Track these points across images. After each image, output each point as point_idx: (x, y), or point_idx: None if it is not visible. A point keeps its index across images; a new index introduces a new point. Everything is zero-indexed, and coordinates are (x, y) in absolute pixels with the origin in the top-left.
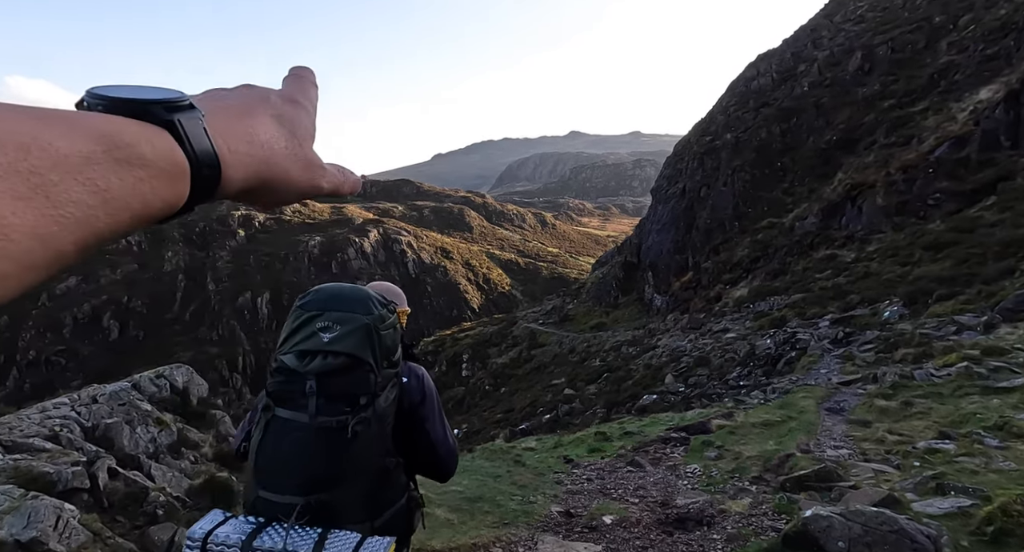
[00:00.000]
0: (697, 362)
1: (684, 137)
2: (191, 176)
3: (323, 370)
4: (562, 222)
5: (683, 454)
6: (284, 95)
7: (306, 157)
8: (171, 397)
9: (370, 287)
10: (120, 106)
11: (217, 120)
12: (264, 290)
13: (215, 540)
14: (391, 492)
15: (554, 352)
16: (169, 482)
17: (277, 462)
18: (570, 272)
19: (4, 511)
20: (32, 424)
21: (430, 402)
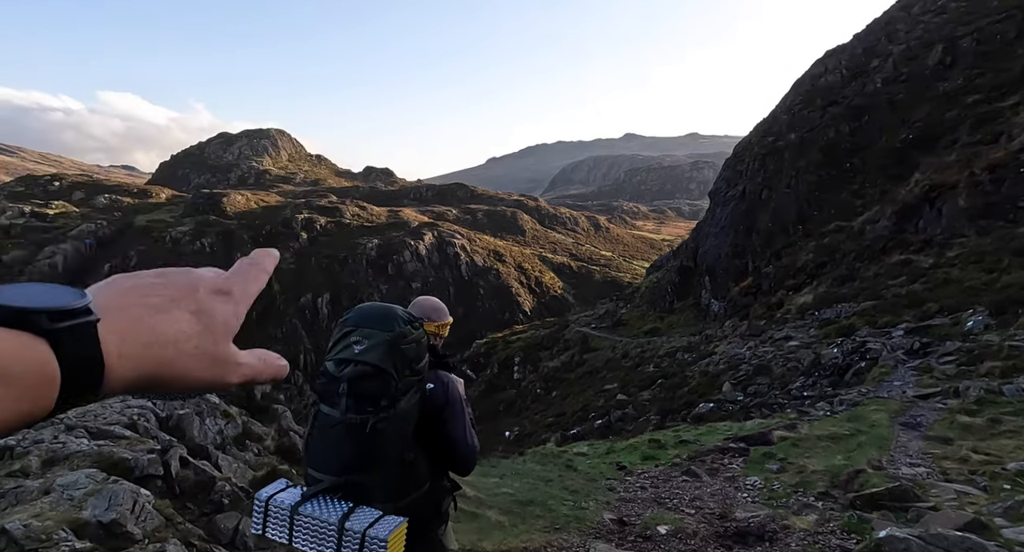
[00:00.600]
0: (757, 370)
1: (744, 138)
2: (63, 384)
3: (353, 376)
4: (616, 225)
5: (742, 465)
6: (215, 286)
7: (215, 354)
8: (237, 391)
9: (413, 304)
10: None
11: (120, 319)
12: (324, 291)
13: (274, 502)
14: (412, 480)
15: (606, 357)
16: (235, 472)
17: (319, 447)
18: (623, 276)
19: (88, 493)
20: (114, 412)
21: (452, 406)
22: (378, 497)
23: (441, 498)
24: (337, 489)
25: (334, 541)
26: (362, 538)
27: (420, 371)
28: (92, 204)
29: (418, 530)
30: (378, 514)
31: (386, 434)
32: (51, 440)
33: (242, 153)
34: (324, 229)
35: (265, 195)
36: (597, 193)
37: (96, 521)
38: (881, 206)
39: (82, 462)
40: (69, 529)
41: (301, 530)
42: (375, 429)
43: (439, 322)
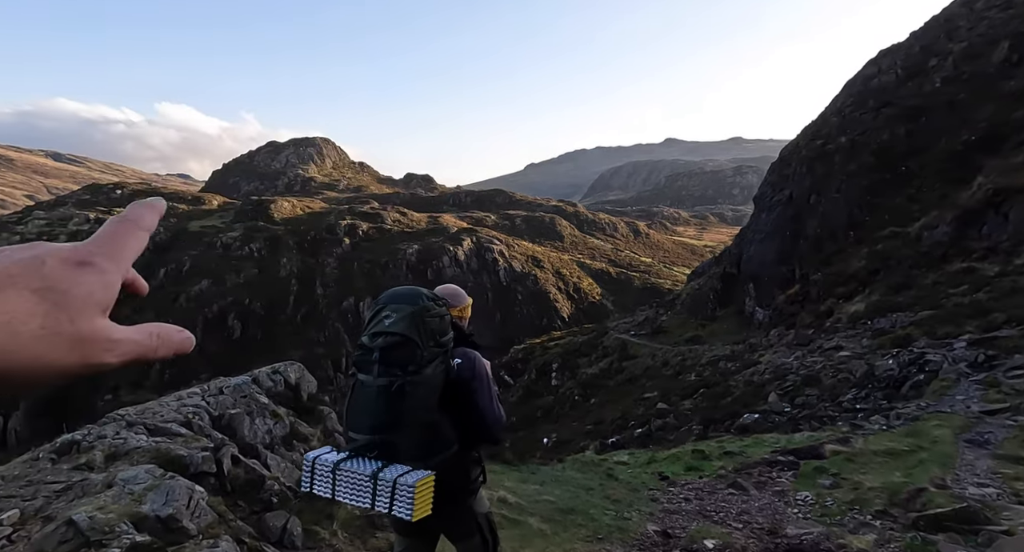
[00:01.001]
0: (805, 381)
1: (791, 141)
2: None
3: (384, 345)
4: (656, 231)
5: (792, 480)
6: (73, 256)
7: (76, 333)
8: (285, 392)
9: (436, 289)
10: None
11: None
12: (366, 295)
13: (319, 461)
14: (438, 442)
15: (646, 364)
16: (283, 472)
17: (356, 411)
18: (663, 283)
19: (147, 488)
20: (170, 410)
21: (479, 379)
22: (406, 455)
23: (470, 467)
24: (372, 447)
25: (370, 490)
26: (393, 485)
27: (444, 344)
28: None
29: (449, 496)
30: (406, 468)
31: (412, 397)
32: (113, 436)
33: (289, 161)
34: (366, 235)
35: (310, 202)
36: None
37: (155, 515)
38: (940, 211)
39: (141, 458)
40: (130, 522)
41: (342, 484)
42: (401, 390)
43: (460, 306)
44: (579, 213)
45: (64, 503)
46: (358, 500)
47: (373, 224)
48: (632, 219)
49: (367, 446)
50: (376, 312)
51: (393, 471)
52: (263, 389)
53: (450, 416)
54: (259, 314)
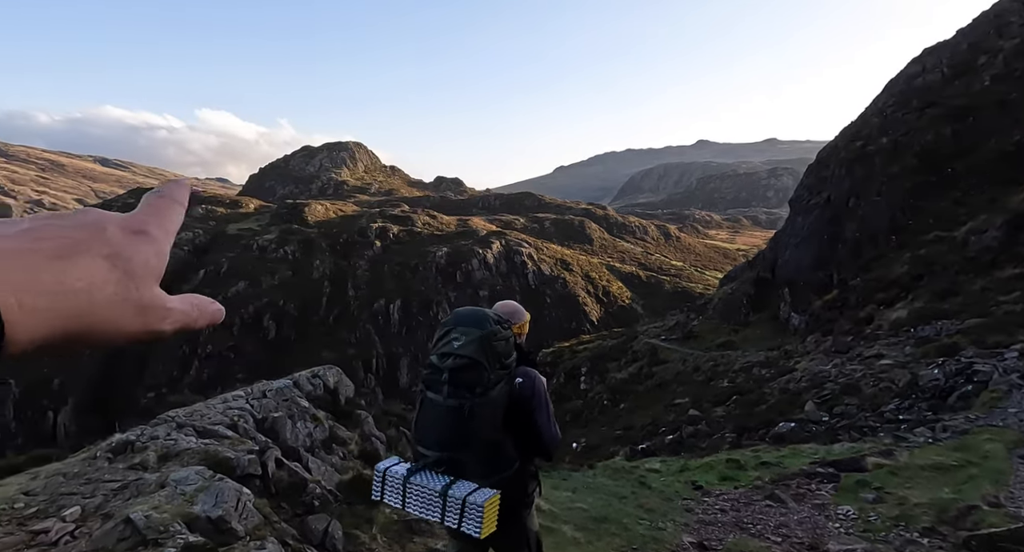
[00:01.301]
0: (844, 390)
1: (830, 143)
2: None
3: (453, 367)
4: (687, 234)
5: (832, 493)
6: (129, 225)
7: (141, 300)
8: (324, 396)
9: (496, 306)
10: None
11: (15, 269)
12: (396, 297)
13: (390, 473)
14: (502, 460)
15: (677, 369)
16: (323, 475)
17: (425, 427)
18: (695, 287)
19: (198, 489)
20: (217, 413)
21: (538, 398)
22: (473, 472)
23: (527, 482)
24: (440, 463)
25: (439, 506)
26: (463, 504)
27: (508, 366)
28: (191, 214)
29: (507, 509)
30: (475, 486)
31: (479, 417)
32: (164, 437)
33: (322, 165)
34: (397, 237)
35: (343, 205)
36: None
37: (205, 516)
38: (989, 215)
39: (192, 459)
40: (183, 522)
41: (412, 496)
42: (471, 412)
43: (519, 323)
44: (609, 216)
45: (121, 501)
46: (428, 513)
47: (403, 227)
48: (663, 222)
49: (436, 462)
50: (444, 333)
51: (461, 489)
52: (303, 393)
53: (512, 434)
54: (293, 315)
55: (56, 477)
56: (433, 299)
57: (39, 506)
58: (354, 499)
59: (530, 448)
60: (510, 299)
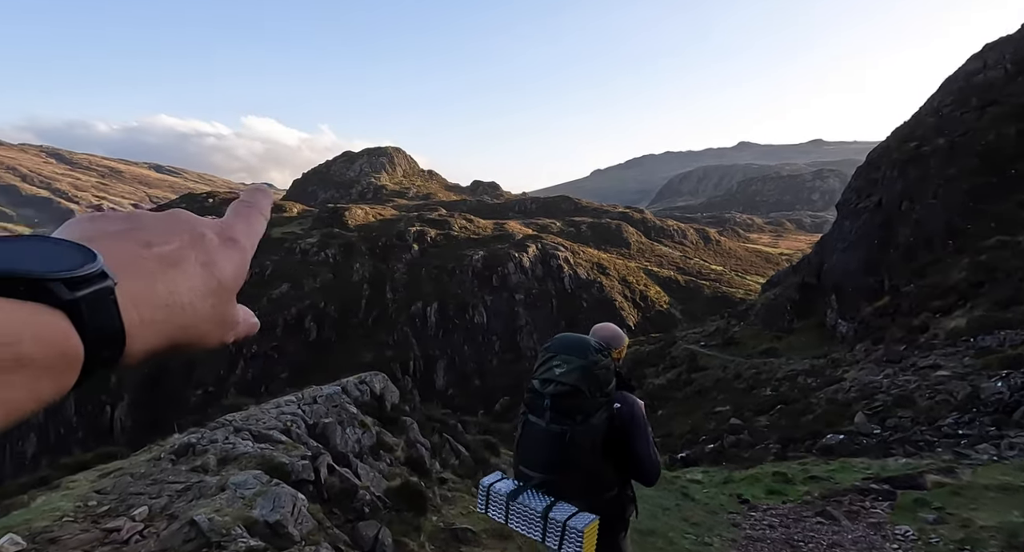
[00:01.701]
0: (897, 401)
1: (881, 143)
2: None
3: (554, 393)
4: (727, 238)
5: (889, 511)
6: (223, 232)
7: (226, 316)
8: (371, 402)
9: (595, 330)
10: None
11: (135, 281)
12: (433, 300)
13: (494, 489)
14: (602, 485)
15: (717, 376)
16: (372, 481)
17: (527, 449)
18: (735, 292)
19: (257, 493)
20: (271, 417)
21: (637, 425)
22: (573, 494)
23: (625, 505)
24: (542, 485)
25: (540, 526)
26: (563, 527)
27: (608, 393)
28: None
29: (605, 532)
30: (575, 509)
31: (579, 443)
32: (223, 441)
33: (362, 170)
34: (434, 241)
35: (382, 209)
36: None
37: (264, 521)
38: None
39: (249, 463)
40: (243, 526)
41: (515, 514)
42: (572, 438)
43: (619, 348)
44: (646, 219)
45: (184, 503)
46: (529, 532)
47: (441, 230)
48: (702, 226)
49: (539, 483)
50: (547, 359)
51: (562, 511)
52: (351, 398)
53: (612, 460)
54: (333, 317)
55: (124, 477)
56: (469, 302)
57: (110, 505)
58: (402, 506)
59: (630, 473)
60: (544, 304)
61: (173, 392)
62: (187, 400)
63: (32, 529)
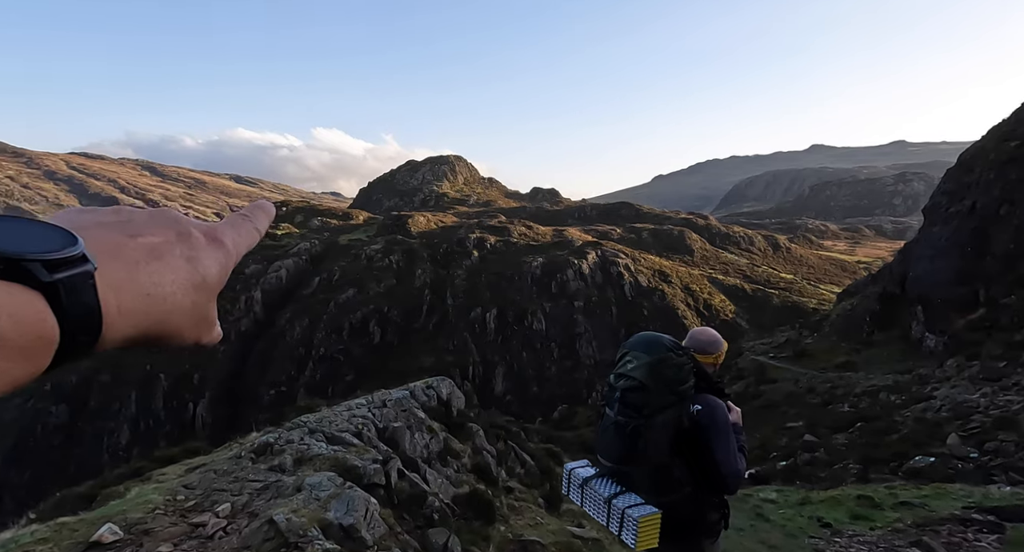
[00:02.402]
0: (997, 423)
1: (975, 144)
2: (60, 344)
3: (623, 387)
4: (798, 245)
5: (997, 546)
6: (210, 232)
7: (206, 315)
8: (438, 407)
9: (692, 333)
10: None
11: (116, 267)
12: (492, 306)
13: (574, 474)
14: (670, 482)
15: (788, 390)
16: (440, 488)
17: (602, 440)
18: (807, 301)
19: (331, 496)
20: (343, 420)
21: (717, 428)
22: (641, 487)
23: (706, 510)
24: (613, 474)
25: (605, 512)
26: (622, 514)
27: (681, 392)
28: (308, 226)
29: (682, 533)
30: (639, 501)
31: (645, 437)
32: (299, 441)
33: (425, 178)
34: (493, 248)
35: (443, 216)
36: (776, 210)
37: (338, 523)
38: None
39: (323, 464)
40: (319, 528)
41: (587, 499)
42: (635, 431)
43: (716, 353)
44: (711, 226)
45: (263, 501)
46: (597, 516)
47: (500, 237)
48: (771, 232)
49: (609, 472)
50: (622, 355)
51: (625, 500)
52: (419, 403)
53: (684, 460)
54: (396, 322)
55: (208, 473)
56: (528, 309)
57: (196, 500)
58: (470, 514)
59: (708, 478)
60: (604, 312)
61: (249, 390)
62: (261, 398)
63: (128, 520)
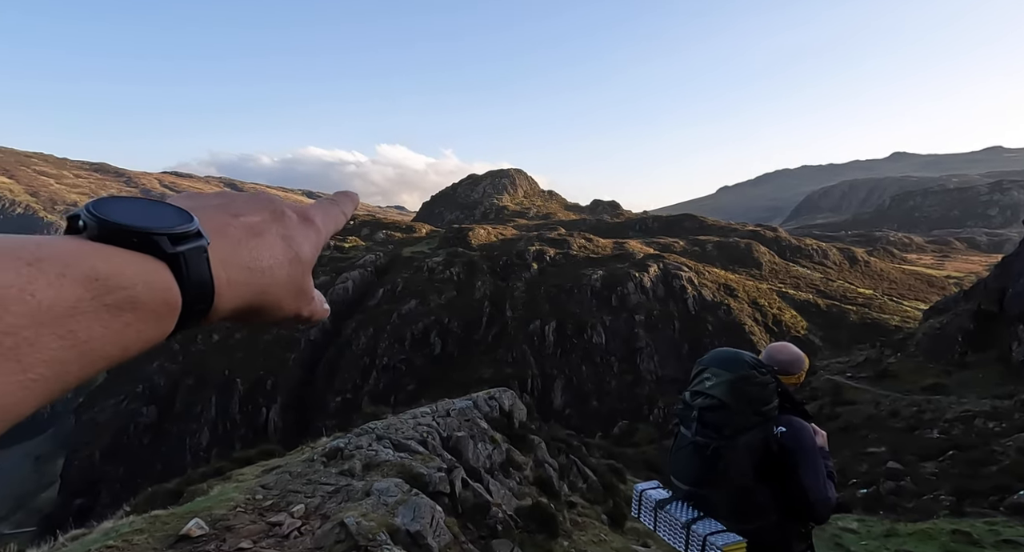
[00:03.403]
0: None
1: None
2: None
3: (701, 406)
4: (879, 259)
5: None
6: (302, 212)
7: (302, 287)
8: (500, 418)
9: (771, 350)
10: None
11: (223, 244)
12: (551, 319)
13: (645, 496)
14: (753, 508)
15: (868, 413)
16: (503, 499)
17: (677, 460)
18: (889, 319)
19: (398, 501)
20: (408, 428)
21: (804, 451)
22: (721, 513)
23: (792, 539)
24: (690, 497)
25: (683, 538)
26: (703, 541)
27: (765, 412)
28: (373, 238)
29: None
30: (722, 528)
31: (727, 460)
32: (367, 447)
33: (485, 191)
34: (553, 260)
35: (503, 229)
36: (852, 222)
37: (405, 529)
38: None
39: (390, 471)
40: (387, 533)
41: (662, 523)
42: (716, 452)
43: (798, 373)
44: (780, 238)
45: (335, 504)
46: (673, 541)
47: (559, 250)
48: (847, 245)
49: (686, 495)
50: (698, 371)
51: (706, 526)
52: (482, 414)
53: (769, 485)
54: (457, 333)
55: (284, 475)
56: (587, 322)
57: (273, 500)
58: (533, 527)
59: (794, 505)
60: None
61: (317, 397)
62: (328, 405)
63: (212, 516)
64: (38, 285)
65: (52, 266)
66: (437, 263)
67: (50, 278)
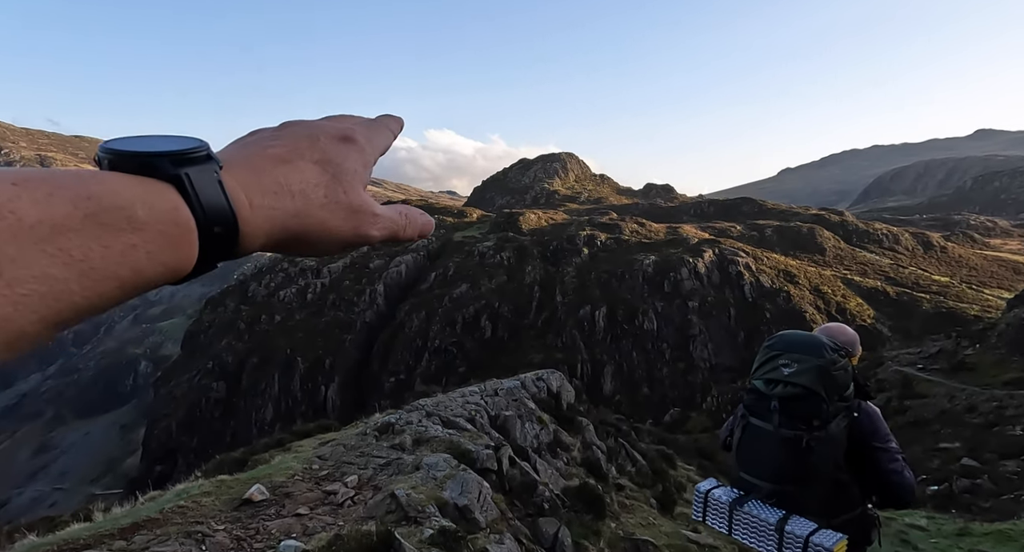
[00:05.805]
0: None
1: None
2: (200, 236)
3: (783, 395)
4: (957, 244)
5: None
6: (337, 133)
7: (350, 204)
8: (547, 399)
9: (822, 329)
10: (125, 160)
11: (242, 171)
12: (602, 304)
13: (712, 496)
14: (844, 502)
15: (941, 407)
16: (550, 478)
17: (752, 455)
18: (968, 308)
19: (447, 476)
20: (457, 406)
21: (880, 435)
22: (811, 509)
23: (870, 527)
24: (771, 495)
25: (775, 541)
26: (805, 543)
27: (848, 398)
28: None
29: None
30: (813, 526)
31: (818, 452)
32: (417, 423)
33: (536, 176)
34: (604, 245)
35: (554, 213)
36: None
37: (453, 503)
38: None
39: (439, 446)
40: (436, 506)
41: (740, 524)
42: (809, 446)
43: (856, 354)
44: (846, 222)
45: (386, 476)
46: (759, 544)
47: (611, 234)
48: (921, 229)
49: (768, 493)
50: (770, 357)
51: (800, 526)
52: (529, 394)
53: (857, 475)
54: (507, 317)
55: (338, 447)
56: (639, 308)
57: (328, 470)
58: (580, 507)
59: (877, 491)
60: (721, 314)
61: (373, 377)
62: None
63: (273, 482)
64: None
65: (40, 186)
66: (488, 248)
67: (36, 196)
